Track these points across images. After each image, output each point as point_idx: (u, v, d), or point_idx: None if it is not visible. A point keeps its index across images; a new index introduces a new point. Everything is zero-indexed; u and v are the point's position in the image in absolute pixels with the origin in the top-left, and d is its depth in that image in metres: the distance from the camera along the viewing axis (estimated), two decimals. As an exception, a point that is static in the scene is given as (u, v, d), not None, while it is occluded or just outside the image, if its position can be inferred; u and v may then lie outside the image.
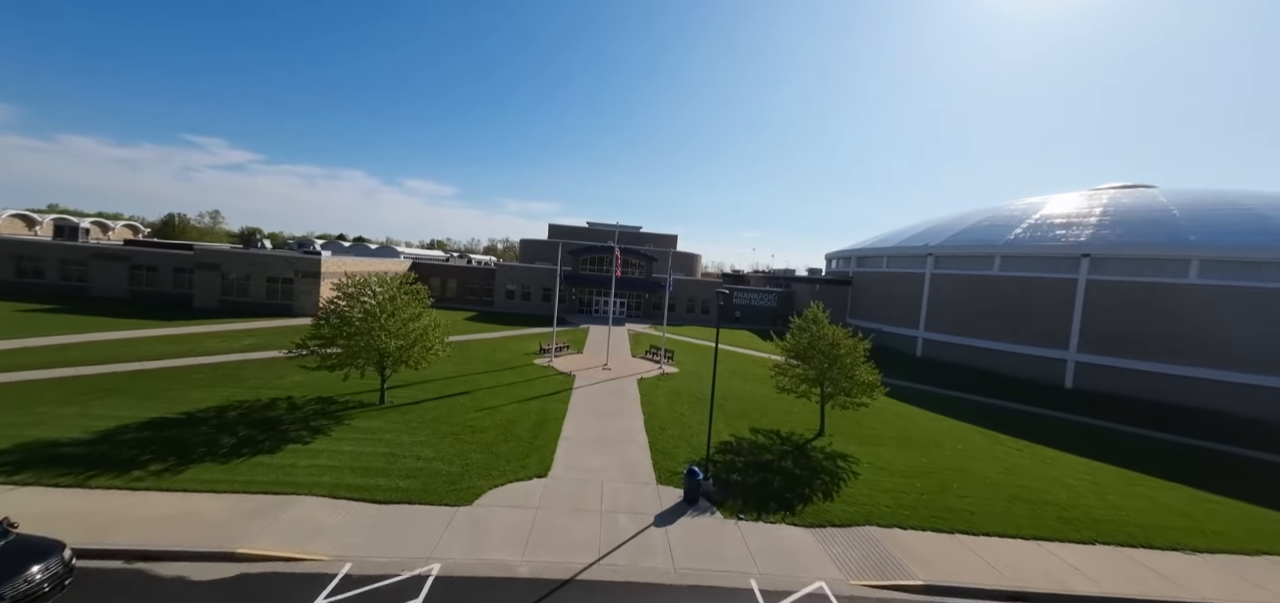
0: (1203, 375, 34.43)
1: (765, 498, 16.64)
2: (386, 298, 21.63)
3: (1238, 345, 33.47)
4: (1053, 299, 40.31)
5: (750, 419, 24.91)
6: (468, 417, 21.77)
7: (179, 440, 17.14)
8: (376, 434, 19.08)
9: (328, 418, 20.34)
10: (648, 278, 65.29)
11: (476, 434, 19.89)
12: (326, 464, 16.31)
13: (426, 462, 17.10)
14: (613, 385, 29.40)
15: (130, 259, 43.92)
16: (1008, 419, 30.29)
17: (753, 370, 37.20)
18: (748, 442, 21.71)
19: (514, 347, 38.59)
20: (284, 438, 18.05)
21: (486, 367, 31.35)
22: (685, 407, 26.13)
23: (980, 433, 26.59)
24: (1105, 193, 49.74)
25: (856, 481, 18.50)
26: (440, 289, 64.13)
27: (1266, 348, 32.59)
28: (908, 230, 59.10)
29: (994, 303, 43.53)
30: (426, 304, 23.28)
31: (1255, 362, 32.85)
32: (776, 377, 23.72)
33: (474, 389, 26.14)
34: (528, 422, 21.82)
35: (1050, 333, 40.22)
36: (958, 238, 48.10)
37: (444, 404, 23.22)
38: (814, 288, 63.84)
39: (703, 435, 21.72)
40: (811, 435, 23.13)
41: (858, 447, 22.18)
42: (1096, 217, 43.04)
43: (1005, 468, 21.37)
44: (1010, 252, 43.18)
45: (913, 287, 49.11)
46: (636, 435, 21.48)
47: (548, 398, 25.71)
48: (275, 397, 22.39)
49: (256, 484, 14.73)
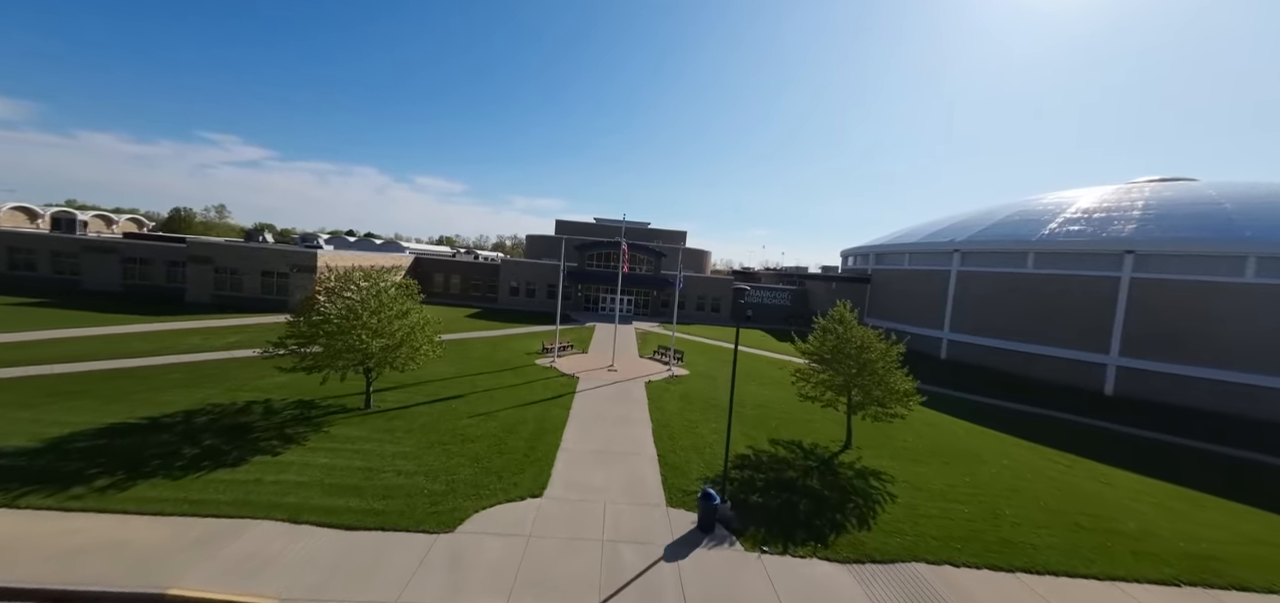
0: (1262, 383, 31.59)
1: (791, 525, 14.49)
2: (371, 294, 19.73)
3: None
4: (1092, 299, 37.58)
5: (769, 429, 22.73)
6: (459, 424, 19.83)
7: (133, 451, 15.35)
8: (356, 444, 17.18)
9: (305, 425, 18.49)
10: (656, 275, 63.14)
11: (467, 445, 17.93)
12: (294, 481, 14.42)
13: (407, 478, 15.16)
14: (618, 389, 27.34)
15: (122, 252, 42.63)
16: (1049, 429, 27.83)
17: (768, 373, 34.96)
18: (767, 455, 19.55)
19: (515, 346, 36.67)
20: (252, 448, 16.22)
21: (485, 367, 29.44)
22: (697, 413, 24.00)
23: (1023, 446, 24.18)
24: (1146, 186, 46.71)
25: (894, 504, 16.27)
26: (443, 285, 62.54)
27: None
28: (930, 226, 56.34)
29: (1026, 302, 40.83)
30: (416, 300, 21.35)
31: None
32: (798, 383, 21.51)
33: (469, 392, 24.21)
34: (525, 430, 19.84)
35: (1089, 335, 37.49)
36: (986, 233, 45.36)
37: (435, 409, 21.30)
38: (830, 285, 61.27)
39: (717, 447, 19.62)
40: (837, 448, 20.91)
41: (890, 462, 19.93)
42: (1139, 211, 40.15)
43: (1059, 488, 19.01)
44: (1045, 247, 40.41)
45: (937, 285, 46.46)
46: (644, 447, 19.40)
47: (548, 403, 23.71)
48: (252, 400, 20.61)
49: (209, 505, 12.87)
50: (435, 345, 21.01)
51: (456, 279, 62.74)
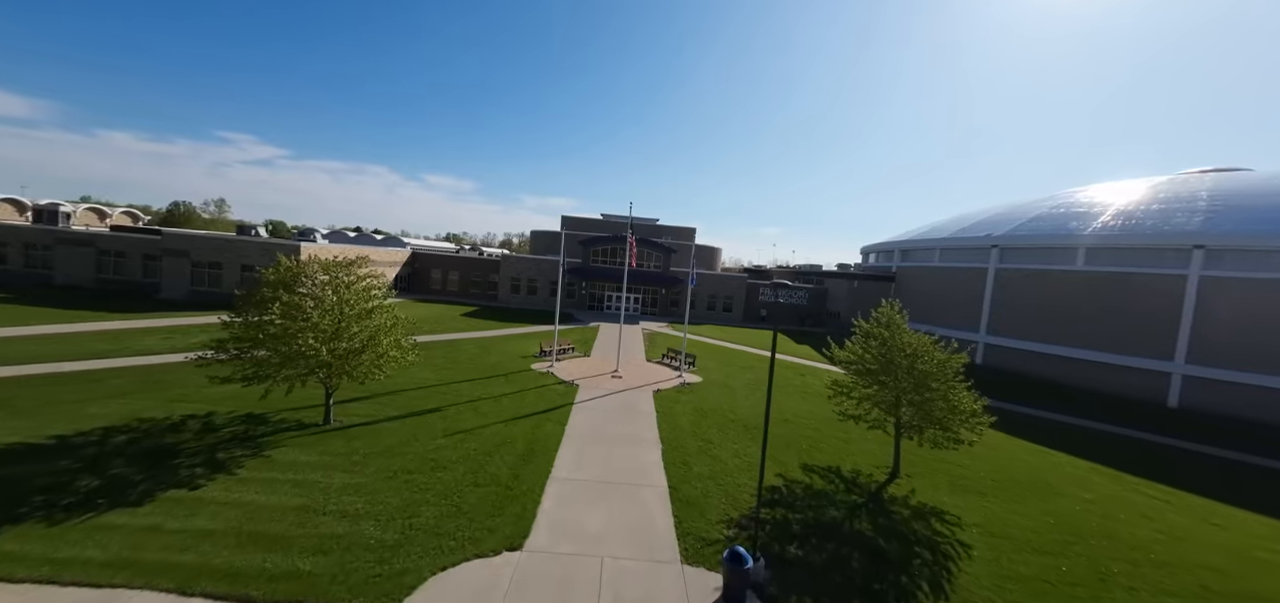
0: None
1: (846, 592, 11.12)
2: (328, 289, 16.59)
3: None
4: (1154, 299, 33.62)
5: (799, 450, 19.30)
6: (432, 445, 16.62)
7: (14, 485, 12.30)
8: (299, 473, 14.04)
9: (244, 447, 15.38)
10: (665, 272, 59.73)
11: (437, 474, 14.72)
12: (203, 528, 11.27)
13: (352, 522, 11.96)
14: (623, 399, 24.04)
15: (98, 245, 40.05)
16: (1114, 448, 24.12)
17: (790, 380, 31.47)
18: (801, 487, 16.14)
19: (510, 347, 33.49)
20: (168, 479, 13.13)
21: (473, 372, 26.26)
22: (714, 431, 20.63)
23: (1098, 471, 20.53)
24: (1205, 176, 42.51)
25: (972, 559, 12.80)
26: (441, 282, 59.68)
27: None
28: (960, 220, 52.39)
29: (1076, 303, 36.91)
30: (383, 298, 18.20)
31: None
32: (838, 400, 18.07)
33: (450, 404, 21.02)
34: (510, 453, 16.59)
35: (1150, 340, 33.56)
36: (1029, 227, 41.42)
37: (406, 426, 18.12)
38: (851, 284, 57.48)
39: (740, 475, 16.27)
40: (883, 477, 17.46)
41: (950, 496, 16.45)
42: (1204, 202, 36.07)
43: (1162, 532, 15.41)
44: (1099, 242, 36.45)
45: (972, 284, 42.60)
46: (652, 475, 16.07)
47: (541, 416, 20.47)
48: (192, 413, 17.58)
49: (77, 566, 9.75)
50: (407, 350, 17.82)
51: (455, 275, 59.79)
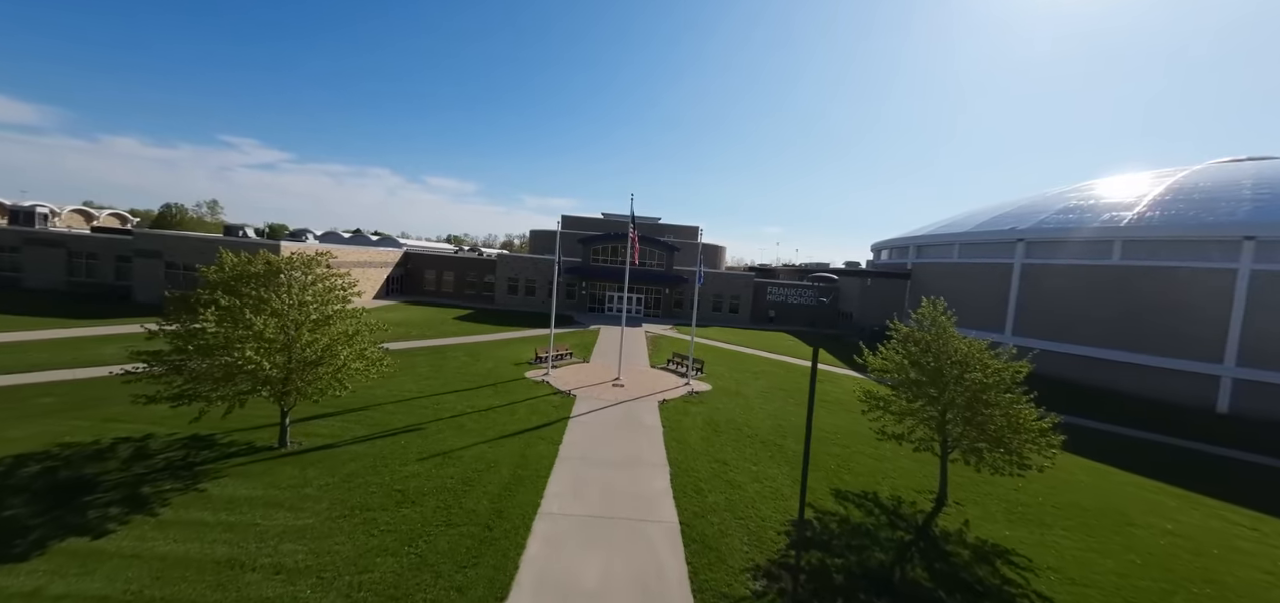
0: None
1: (911, 674, 8.66)
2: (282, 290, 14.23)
3: None
4: (1200, 295, 31.08)
5: (827, 472, 16.84)
6: (402, 473, 14.23)
7: None
8: (235, 512, 11.65)
9: (177, 478, 13.02)
10: (668, 271, 57.32)
11: (403, 510, 12.32)
12: (96, 593, 8.91)
13: (288, 581, 9.57)
14: (625, 411, 21.63)
15: (68, 246, 37.83)
16: (1177, 463, 21.67)
17: (806, 386, 28.94)
18: (836, 520, 13.69)
19: (504, 353, 31.10)
20: (73, 522, 10.77)
21: (460, 382, 23.87)
22: (729, 448, 18.19)
23: (1171, 493, 18.04)
24: (1243, 165, 39.88)
25: (1059, 620, 10.34)
26: (435, 283, 57.40)
27: None
28: (980, 214, 49.84)
29: (1111, 301, 34.37)
30: (346, 300, 15.82)
31: None
32: (876, 416, 15.62)
33: (430, 420, 18.63)
34: (494, 481, 14.19)
35: (1196, 340, 31.00)
36: (1058, 220, 38.88)
37: (375, 448, 15.73)
38: (864, 283, 54.92)
39: (762, 503, 13.85)
40: (928, 505, 15.00)
41: (1009, 528, 14.01)
42: (1249, 191, 33.50)
43: (1270, 574, 12.92)
44: (1136, 235, 33.91)
45: (996, 281, 40.07)
46: (660, 507, 13.64)
47: (532, 434, 18.06)
48: (125, 436, 15.21)
49: (-96, 659, 7.37)
50: (373, 361, 15.42)
51: (450, 277, 57.47)
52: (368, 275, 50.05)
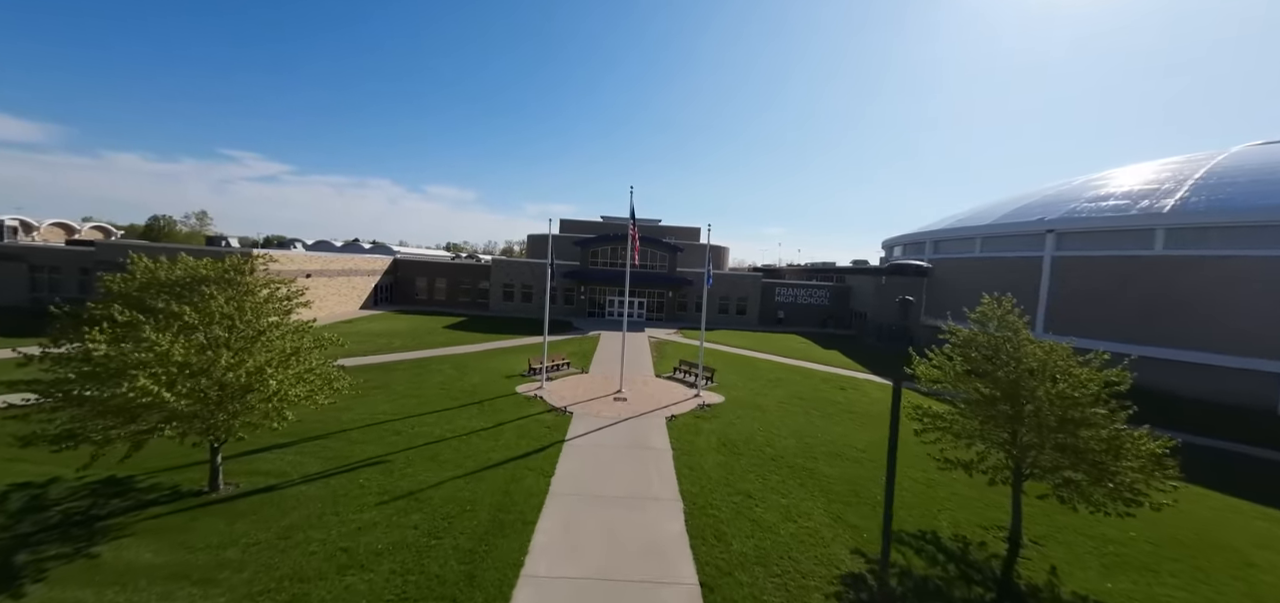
0: None
1: None
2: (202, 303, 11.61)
3: None
4: (1258, 287, 28.31)
5: (872, 504, 14.08)
6: (355, 523, 11.54)
7: None
8: (121, 592, 8.98)
9: (68, 540, 10.37)
10: (671, 272, 54.64)
11: (346, 578, 9.64)
12: None
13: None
14: (629, 431, 18.93)
15: (30, 260, 35.31)
16: (1257, 476, 18.87)
17: (830, 396, 26.28)
18: (895, 570, 10.97)
19: (494, 365, 28.43)
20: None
21: (442, 401, 21.20)
22: (751, 476, 15.47)
23: (1265, 515, 15.29)
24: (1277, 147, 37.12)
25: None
26: (427, 290, 54.86)
27: None
28: (1002, 205, 47.08)
29: (1155, 294, 31.58)
30: (286, 311, 13.18)
31: None
32: (934, 438, 12.92)
33: (402, 449, 15.95)
34: (468, 529, 11.51)
35: (1253, 335, 28.21)
36: (1092, 209, 36.10)
37: (328, 488, 13.05)
38: (878, 281, 52.16)
39: (798, 548, 11.16)
40: (1001, 547, 12.28)
41: (1101, 576, 11.33)
42: (1303, 171, 30.74)
43: None
44: (1181, 221, 31.14)
45: (1024, 275, 37.23)
46: (674, 561, 10.94)
47: (519, 463, 15.37)
48: (23, 482, 12.59)
49: None
50: (320, 387, 12.73)
51: (442, 283, 54.90)
52: (353, 284, 47.47)
